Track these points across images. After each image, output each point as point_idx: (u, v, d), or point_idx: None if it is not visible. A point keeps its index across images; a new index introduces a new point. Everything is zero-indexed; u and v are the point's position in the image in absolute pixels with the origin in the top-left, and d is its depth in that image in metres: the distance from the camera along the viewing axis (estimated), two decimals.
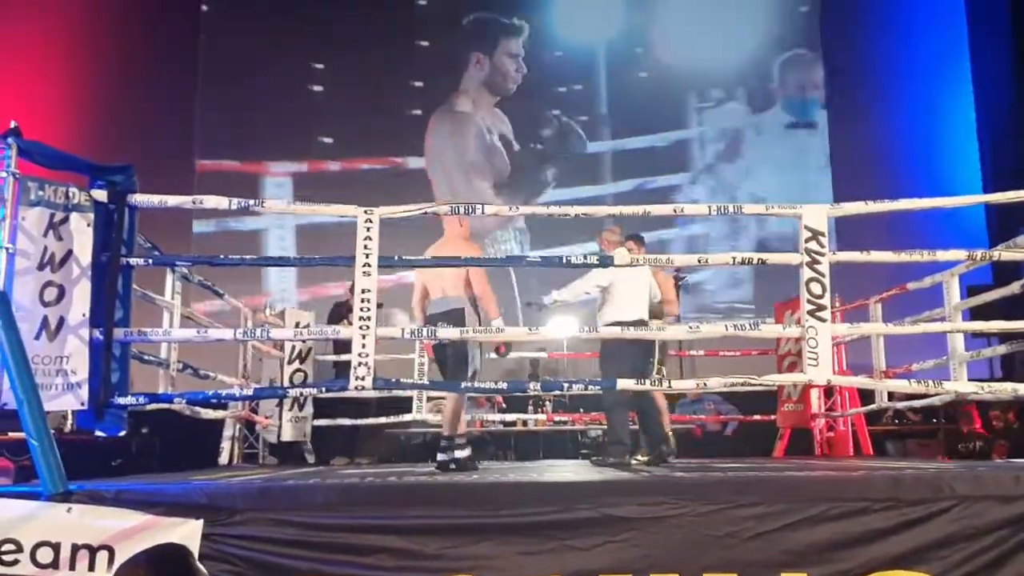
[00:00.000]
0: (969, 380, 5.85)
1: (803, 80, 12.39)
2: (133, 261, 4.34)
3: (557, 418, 8.81)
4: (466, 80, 12.52)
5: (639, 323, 5.83)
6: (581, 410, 9.04)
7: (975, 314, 6.17)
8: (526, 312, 8.69)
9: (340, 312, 7.96)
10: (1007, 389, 4.59)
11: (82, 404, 4.05)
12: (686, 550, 3.51)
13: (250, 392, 6.01)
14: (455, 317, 5.49)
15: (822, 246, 4.24)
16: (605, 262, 5.05)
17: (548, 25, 12.57)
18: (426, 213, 4.45)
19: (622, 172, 12.16)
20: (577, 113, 12.40)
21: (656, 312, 6.19)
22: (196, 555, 3.39)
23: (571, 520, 3.55)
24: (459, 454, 5.60)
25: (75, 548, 3.38)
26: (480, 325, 5.50)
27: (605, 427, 6.63)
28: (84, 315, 4.09)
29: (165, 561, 2.02)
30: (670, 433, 6.25)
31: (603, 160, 12.32)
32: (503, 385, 5.28)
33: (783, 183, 11.83)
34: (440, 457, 5.60)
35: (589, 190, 12.09)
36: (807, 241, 4.24)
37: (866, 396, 7.60)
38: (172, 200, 4.43)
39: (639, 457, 6.08)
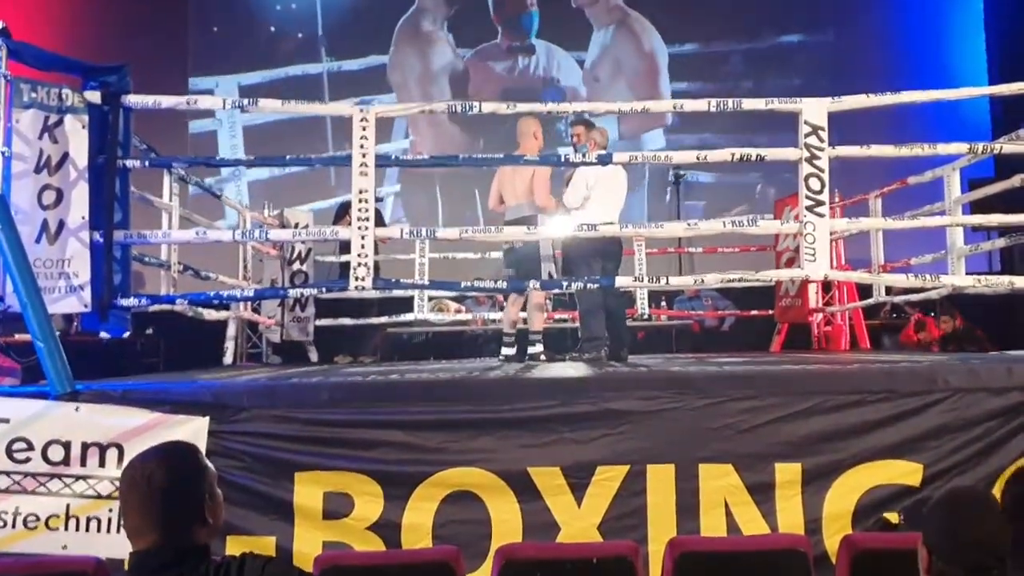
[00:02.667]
0: (967, 274, 5.88)
1: None
2: (129, 163, 4.32)
3: (557, 316, 8.88)
4: None
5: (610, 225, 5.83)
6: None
7: (975, 208, 6.16)
8: None
9: (345, 211, 7.94)
10: (1004, 282, 4.61)
11: (85, 306, 4.09)
12: (682, 442, 3.59)
13: (251, 293, 6.04)
14: (528, 223, 5.82)
15: (822, 140, 4.20)
16: (604, 160, 5.02)
17: None
18: (423, 111, 4.41)
19: None
20: None
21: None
22: (203, 451, 3.49)
23: (570, 414, 3.62)
24: (534, 350, 6.09)
25: (85, 446, 3.46)
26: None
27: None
28: (83, 218, 4.09)
29: (175, 456, 2.06)
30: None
31: None
32: (502, 285, 5.34)
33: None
34: (530, 350, 6.10)
35: None
36: (806, 136, 4.21)
37: (864, 291, 7.64)
38: (166, 100, 4.39)
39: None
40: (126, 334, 4.43)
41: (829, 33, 11.97)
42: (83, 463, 3.44)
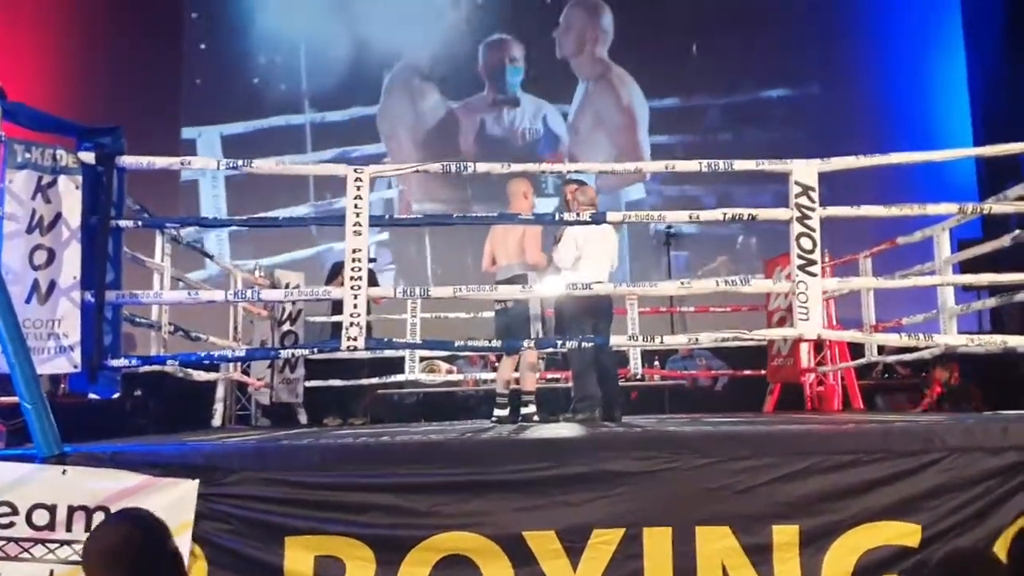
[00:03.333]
0: (959, 333, 5.89)
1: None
2: (123, 223, 4.32)
3: (549, 375, 8.84)
4: None
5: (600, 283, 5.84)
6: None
7: (965, 268, 6.19)
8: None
9: (338, 272, 7.93)
10: (996, 341, 4.63)
11: (75, 367, 4.05)
12: (679, 504, 3.54)
13: (242, 353, 6.01)
14: (519, 282, 5.92)
15: (812, 201, 4.23)
16: (596, 219, 5.04)
17: None
18: (417, 171, 4.43)
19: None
20: None
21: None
22: (192, 514, 3.43)
23: (564, 476, 3.57)
24: (527, 410, 6.08)
25: (71, 510, 3.39)
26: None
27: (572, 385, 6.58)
28: (75, 278, 4.07)
29: (140, 524, 2.01)
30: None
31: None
32: (497, 344, 5.33)
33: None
34: (524, 411, 6.10)
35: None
36: (797, 196, 4.24)
37: (856, 351, 7.65)
38: (160, 161, 4.40)
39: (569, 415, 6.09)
40: (115, 395, 4.38)
41: (812, 87, 12.21)
42: (68, 528, 3.37)
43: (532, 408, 6.08)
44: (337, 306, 7.31)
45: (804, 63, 12.17)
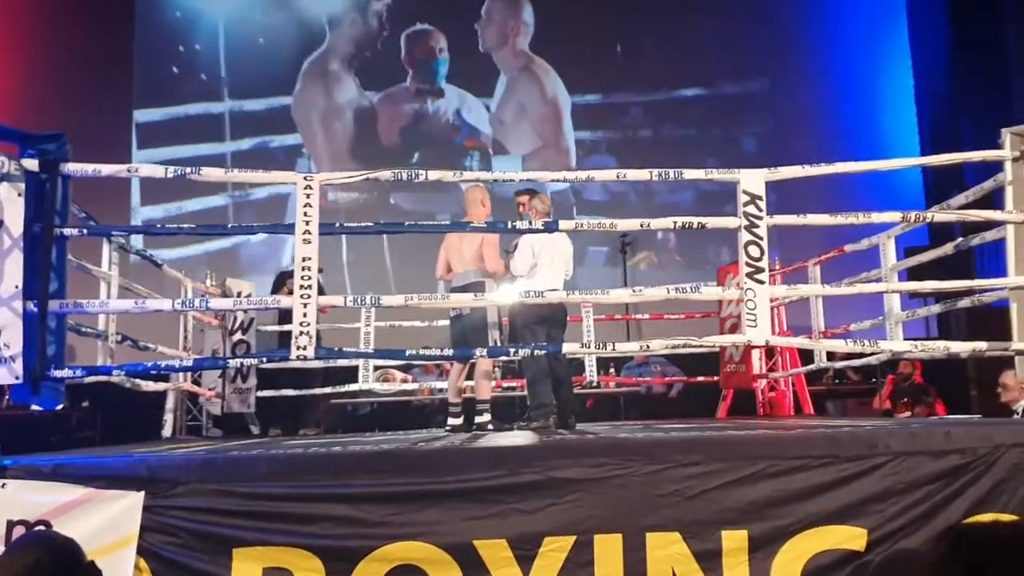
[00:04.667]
0: (905, 339, 6.00)
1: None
2: (67, 231, 4.24)
3: (505, 384, 8.84)
4: None
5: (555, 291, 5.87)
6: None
7: (912, 275, 6.30)
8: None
9: (283, 281, 7.86)
10: (939, 347, 4.71)
11: (17, 378, 3.96)
12: (630, 510, 3.55)
13: (190, 363, 5.93)
14: (476, 289, 5.87)
15: (760, 210, 4.28)
16: (550, 227, 5.06)
17: None
18: (367, 179, 4.41)
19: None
20: None
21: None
22: (137, 527, 3.38)
23: (517, 484, 3.57)
24: (481, 419, 6.04)
25: (10, 524, 3.33)
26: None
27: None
28: (17, 287, 3.98)
29: (51, 552, 1.96)
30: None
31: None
32: (449, 352, 5.32)
33: None
34: (478, 420, 6.06)
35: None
36: (745, 205, 4.28)
37: (807, 357, 7.75)
38: (106, 169, 4.32)
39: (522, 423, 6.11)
40: (59, 407, 4.29)
41: (762, 93, 12.37)
42: (7, 543, 3.29)
43: (487, 417, 6.07)
44: (284, 315, 7.24)
45: (756, 66, 12.34)
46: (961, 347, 4.69)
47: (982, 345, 4.54)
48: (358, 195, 12.03)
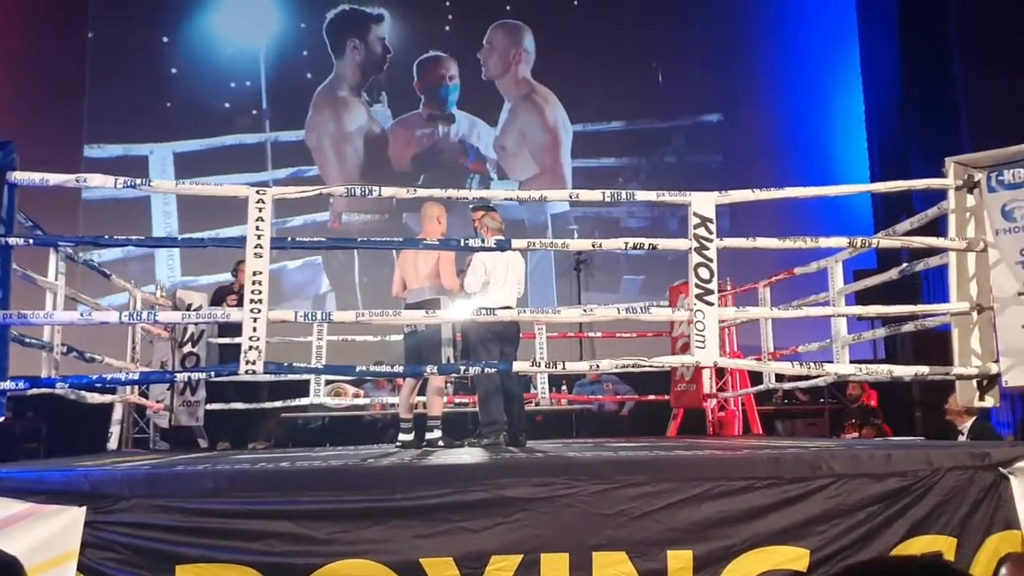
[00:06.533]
0: (851, 362, 6.10)
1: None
2: (12, 241, 4.18)
3: (457, 400, 8.83)
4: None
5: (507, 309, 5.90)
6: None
7: (860, 298, 6.42)
8: None
9: (221, 296, 7.79)
10: (883, 371, 4.80)
11: None
12: (577, 529, 3.57)
13: (137, 376, 5.85)
14: (431, 306, 5.87)
15: (710, 232, 4.34)
16: (503, 245, 5.08)
17: None
18: (321, 194, 4.40)
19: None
20: None
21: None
22: (77, 543, 3.32)
23: (464, 502, 3.56)
24: (432, 435, 5.98)
25: None
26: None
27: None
28: None
29: None
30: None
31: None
32: (400, 368, 5.31)
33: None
34: (429, 436, 5.99)
35: None
36: (696, 227, 4.34)
37: (756, 377, 7.85)
38: (54, 179, 4.27)
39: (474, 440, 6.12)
40: (1, 419, 4.21)
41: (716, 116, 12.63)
42: None
43: (438, 433, 6.05)
44: (223, 329, 7.16)
45: (707, 95, 12.54)
46: (904, 371, 4.78)
47: (924, 369, 4.64)
48: (371, 216, 12.12)
